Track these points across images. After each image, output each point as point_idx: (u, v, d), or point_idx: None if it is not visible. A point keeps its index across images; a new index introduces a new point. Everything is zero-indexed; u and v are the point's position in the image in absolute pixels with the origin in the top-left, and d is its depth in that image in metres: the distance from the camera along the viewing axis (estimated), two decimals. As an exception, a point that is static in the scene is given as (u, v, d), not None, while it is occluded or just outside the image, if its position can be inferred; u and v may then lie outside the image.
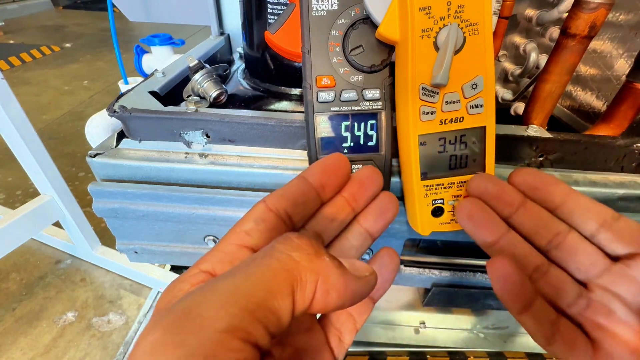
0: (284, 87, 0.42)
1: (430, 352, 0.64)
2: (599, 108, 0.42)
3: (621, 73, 0.39)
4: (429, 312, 0.68)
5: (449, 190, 0.27)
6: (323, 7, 0.26)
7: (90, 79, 2.63)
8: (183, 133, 0.31)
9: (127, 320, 1.04)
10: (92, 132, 0.56)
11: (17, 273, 1.17)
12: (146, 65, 0.82)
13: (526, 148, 0.31)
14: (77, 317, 1.05)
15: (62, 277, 1.16)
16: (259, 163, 0.31)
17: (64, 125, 2.03)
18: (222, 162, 0.31)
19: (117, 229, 0.35)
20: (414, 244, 0.36)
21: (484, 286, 0.36)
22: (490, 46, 0.24)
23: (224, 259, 0.16)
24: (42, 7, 4.61)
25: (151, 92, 0.35)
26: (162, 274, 1.07)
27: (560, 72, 0.32)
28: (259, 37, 0.41)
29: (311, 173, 0.21)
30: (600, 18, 0.29)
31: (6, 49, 3.04)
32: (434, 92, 0.24)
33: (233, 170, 0.31)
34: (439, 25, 0.23)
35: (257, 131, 0.31)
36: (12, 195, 1.49)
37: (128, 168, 0.31)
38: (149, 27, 3.23)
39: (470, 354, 0.65)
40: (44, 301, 1.09)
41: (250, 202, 0.31)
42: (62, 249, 1.24)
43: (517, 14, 0.45)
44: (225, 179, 0.32)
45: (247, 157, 0.32)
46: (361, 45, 0.26)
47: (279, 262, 0.13)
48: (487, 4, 0.23)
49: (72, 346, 0.98)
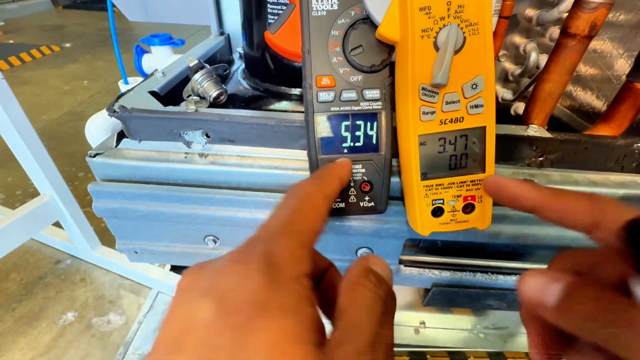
0: (284, 87, 0.42)
1: (430, 352, 0.64)
2: (599, 108, 0.42)
3: (621, 73, 0.39)
4: (429, 312, 0.68)
5: (449, 190, 0.27)
6: (323, 7, 0.26)
7: (90, 79, 2.62)
8: (183, 133, 0.31)
9: (127, 320, 1.04)
10: (92, 132, 0.56)
11: (17, 273, 1.17)
12: (146, 65, 0.82)
13: (526, 148, 0.31)
14: (77, 317, 1.05)
15: (62, 277, 1.16)
16: (258, 163, 0.31)
17: (63, 125, 2.03)
18: (222, 162, 0.31)
19: (117, 229, 0.35)
20: (414, 244, 0.36)
21: (484, 286, 0.36)
22: (491, 46, 0.24)
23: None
24: (41, 7, 4.60)
25: (151, 92, 0.35)
26: (162, 274, 1.07)
27: (560, 72, 0.32)
28: (259, 37, 0.41)
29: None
30: (600, 18, 0.29)
31: (6, 49, 3.04)
32: (434, 92, 0.24)
33: (233, 170, 0.31)
34: (439, 25, 0.23)
35: (257, 131, 0.31)
36: (12, 195, 1.49)
37: (128, 168, 0.31)
38: (149, 27, 3.23)
39: (470, 354, 0.64)
40: (43, 301, 1.09)
41: (250, 202, 0.31)
42: (62, 249, 1.24)
43: (517, 14, 0.44)
44: (225, 179, 0.32)
45: (247, 157, 0.32)
46: (361, 45, 0.26)
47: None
48: (487, 4, 0.23)
49: (72, 346, 0.98)
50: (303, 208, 0.17)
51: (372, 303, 0.14)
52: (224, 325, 0.11)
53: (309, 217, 0.17)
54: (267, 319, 0.12)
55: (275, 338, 0.11)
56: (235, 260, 0.13)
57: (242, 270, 0.13)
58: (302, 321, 0.12)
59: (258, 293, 0.12)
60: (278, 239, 0.15)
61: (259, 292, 0.12)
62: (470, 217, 0.27)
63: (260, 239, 0.15)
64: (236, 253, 0.14)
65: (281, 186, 0.32)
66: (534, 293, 0.16)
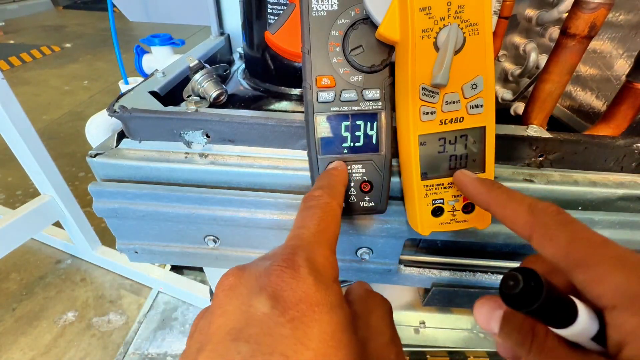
0: (284, 87, 0.42)
1: (430, 352, 0.64)
2: (599, 108, 0.42)
3: (621, 73, 0.39)
4: (428, 312, 0.68)
5: (449, 190, 0.27)
6: (323, 7, 0.26)
7: (90, 79, 2.62)
8: (183, 133, 0.31)
9: (127, 320, 1.04)
10: (93, 132, 0.56)
11: (17, 273, 1.17)
12: (146, 65, 0.82)
13: (526, 148, 0.31)
14: (77, 317, 1.05)
15: (62, 277, 1.16)
16: (259, 163, 0.31)
17: (64, 125, 2.03)
18: (222, 162, 0.32)
19: (117, 229, 0.35)
20: (414, 243, 0.36)
21: (484, 286, 0.36)
22: (490, 46, 0.24)
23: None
24: (42, 7, 4.61)
25: (151, 92, 0.35)
26: (162, 274, 1.07)
27: (560, 72, 0.32)
28: (259, 37, 0.41)
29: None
30: (600, 18, 0.29)
31: (6, 49, 3.04)
32: (434, 92, 0.24)
33: (233, 170, 0.31)
34: (439, 25, 0.23)
35: (257, 131, 0.31)
36: (12, 195, 1.49)
37: (128, 168, 0.31)
38: (149, 27, 3.23)
39: (470, 353, 0.65)
40: (44, 301, 1.09)
41: (250, 202, 0.31)
42: (62, 249, 1.24)
43: (517, 14, 0.44)
44: (225, 179, 0.32)
45: (247, 157, 0.32)
46: (361, 45, 0.26)
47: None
48: (487, 5, 0.23)
49: (72, 346, 0.98)
50: (327, 218, 0.19)
51: (385, 313, 0.18)
52: (284, 319, 0.13)
53: (333, 226, 0.20)
54: (320, 313, 0.14)
55: (329, 329, 0.13)
56: (283, 265, 0.15)
57: (292, 274, 0.15)
58: (346, 316, 0.15)
59: (309, 293, 0.14)
60: (315, 247, 0.17)
61: (311, 293, 0.14)
62: (470, 217, 0.28)
63: (301, 248, 0.16)
64: (280, 259, 0.15)
65: (281, 186, 0.32)
66: (483, 322, 0.18)
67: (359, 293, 0.19)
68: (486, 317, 0.18)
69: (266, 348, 0.12)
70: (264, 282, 0.15)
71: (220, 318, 0.14)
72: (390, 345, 0.17)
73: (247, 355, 0.12)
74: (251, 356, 0.12)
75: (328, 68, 0.26)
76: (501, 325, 0.17)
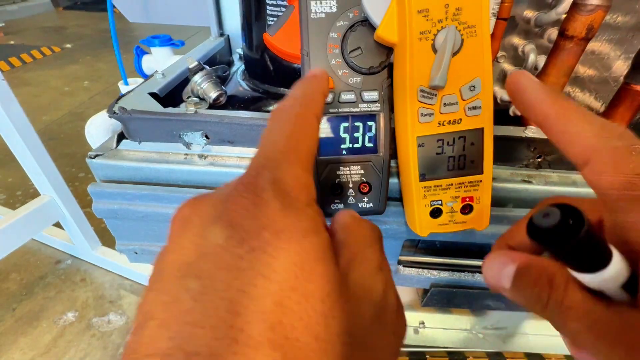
0: (283, 88, 0.42)
1: (430, 352, 0.65)
2: (597, 109, 0.42)
3: (619, 74, 0.39)
4: (428, 313, 0.68)
5: (447, 191, 0.27)
6: (322, 9, 0.26)
7: (90, 80, 2.63)
8: (183, 134, 0.31)
9: (127, 321, 1.04)
10: (92, 133, 0.56)
11: (17, 273, 1.17)
12: (146, 66, 0.82)
13: (524, 149, 0.31)
14: (77, 317, 1.05)
15: (62, 277, 1.16)
16: (258, 164, 0.31)
17: (64, 125, 2.03)
18: (221, 163, 0.32)
19: (117, 230, 0.35)
20: (412, 244, 0.36)
21: (483, 286, 0.36)
22: (488, 48, 0.24)
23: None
24: (42, 8, 4.61)
25: (151, 93, 0.35)
26: (162, 275, 1.07)
27: (558, 74, 0.32)
28: (258, 39, 0.41)
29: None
30: (597, 20, 0.29)
31: (6, 50, 3.04)
32: (432, 94, 0.24)
33: (232, 172, 0.31)
34: (437, 27, 0.23)
35: (257, 132, 0.31)
36: (12, 195, 1.49)
37: (128, 169, 0.32)
38: (149, 28, 3.23)
39: (470, 354, 0.65)
40: (44, 301, 1.09)
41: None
42: (62, 249, 1.24)
43: (516, 15, 0.45)
44: (224, 180, 0.32)
45: (247, 158, 0.32)
46: (360, 47, 0.26)
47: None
48: (484, 7, 0.23)
49: (72, 346, 0.98)
50: (299, 131, 0.16)
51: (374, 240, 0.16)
52: (242, 249, 0.11)
53: (307, 141, 0.17)
54: (286, 242, 0.12)
55: (298, 258, 0.12)
56: (242, 190, 0.13)
57: (253, 200, 0.13)
58: (322, 243, 0.13)
59: (274, 220, 0.12)
60: (283, 166, 0.14)
61: (275, 219, 0.12)
62: (468, 218, 0.28)
63: (265, 167, 0.14)
64: (240, 183, 0.13)
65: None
66: (493, 279, 0.17)
67: (344, 221, 0.16)
68: (497, 272, 0.16)
69: (219, 284, 0.11)
70: (219, 210, 0.13)
71: (171, 254, 0.12)
72: (377, 274, 0.15)
73: (197, 292, 0.11)
74: (201, 293, 0.11)
75: (327, 70, 0.27)
76: (514, 279, 0.15)
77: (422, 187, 0.27)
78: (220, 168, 0.31)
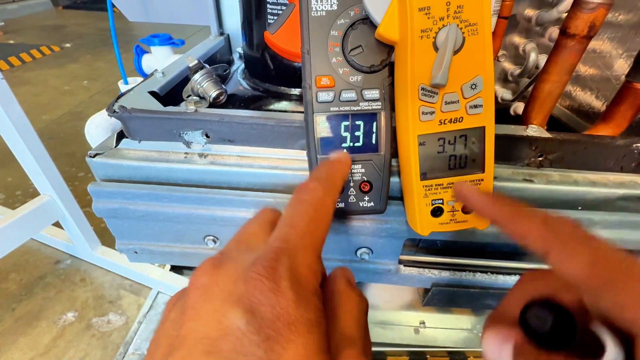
0: (284, 87, 0.42)
1: (430, 352, 0.64)
2: (599, 108, 0.42)
3: (620, 73, 0.39)
4: (428, 312, 0.68)
5: (448, 190, 0.27)
6: (322, 7, 0.26)
7: (90, 79, 2.62)
8: (183, 133, 0.31)
9: (127, 321, 1.04)
10: (92, 132, 0.56)
11: (17, 273, 1.17)
12: (146, 65, 0.82)
13: (526, 148, 0.31)
14: (77, 317, 1.05)
15: (61, 277, 1.16)
16: (258, 163, 0.31)
17: (63, 125, 2.03)
18: (221, 162, 0.32)
19: (117, 229, 0.35)
20: (413, 244, 0.36)
21: (484, 286, 0.36)
22: (490, 46, 0.24)
23: None
24: (42, 7, 4.60)
25: (151, 92, 0.35)
26: (162, 274, 1.07)
27: (559, 72, 0.32)
28: (258, 37, 0.41)
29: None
30: (599, 18, 0.29)
31: (6, 49, 3.04)
32: (433, 92, 0.24)
33: (232, 171, 0.31)
34: (438, 25, 0.23)
35: (257, 131, 0.31)
36: (11, 195, 1.49)
37: (128, 168, 0.31)
38: (149, 27, 3.22)
39: (470, 354, 0.65)
40: (43, 301, 1.09)
41: (249, 202, 0.31)
42: (62, 249, 1.24)
43: (517, 14, 0.45)
44: (224, 179, 0.32)
45: (247, 157, 0.32)
46: (360, 45, 0.26)
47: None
48: (486, 5, 0.23)
49: (72, 346, 0.98)
50: (318, 217, 0.18)
51: (361, 314, 0.17)
52: (259, 337, 0.13)
53: (323, 226, 0.18)
54: (295, 334, 0.13)
55: (303, 352, 0.13)
56: (263, 274, 0.14)
57: (271, 287, 0.14)
58: (322, 334, 0.14)
59: (287, 311, 0.14)
60: (300, 253, 0.16)
61: (289, 310, 0.14)
62: (469, 217, 0.28)
63: (285, 253, 0.15)
64: (260, 265, 0.15)
65: (280, 186, 0.32)
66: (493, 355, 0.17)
67: (338, 289, 0.18)
68: (497, 349, 0.17)
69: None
70: (241, 291, 0.14)
71: (192, 322, 0.14)
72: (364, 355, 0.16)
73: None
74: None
75: (327, 68, 0.26)
76: (514, 357, 0.16)
77: (423, 186, 0.26)
78: (220, 167, 0.31)
